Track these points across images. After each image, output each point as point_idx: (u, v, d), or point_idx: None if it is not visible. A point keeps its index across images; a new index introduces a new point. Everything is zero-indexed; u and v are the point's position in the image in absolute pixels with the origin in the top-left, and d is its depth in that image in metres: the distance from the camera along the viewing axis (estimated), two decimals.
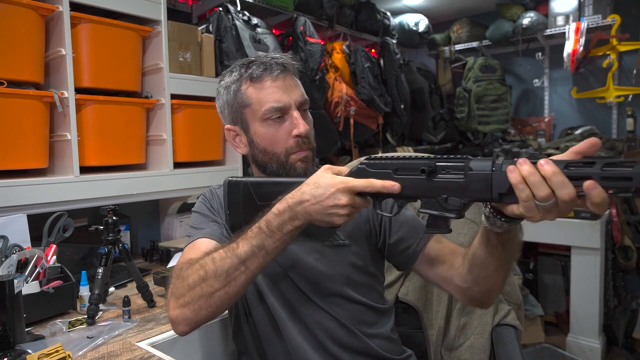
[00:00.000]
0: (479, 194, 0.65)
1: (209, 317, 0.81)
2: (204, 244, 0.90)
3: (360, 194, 0.74)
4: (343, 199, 0.72)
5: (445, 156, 0.70)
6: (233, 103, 0.96)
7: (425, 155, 0.73)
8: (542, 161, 0.58)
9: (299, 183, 0.78)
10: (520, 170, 0.59)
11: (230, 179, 0.91)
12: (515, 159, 0.61)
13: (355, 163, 0.84)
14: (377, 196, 0.76)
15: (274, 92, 0.92)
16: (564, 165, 0.58)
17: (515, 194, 0.60)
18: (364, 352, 0.93)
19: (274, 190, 0.84)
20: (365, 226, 1.00)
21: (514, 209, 0.63)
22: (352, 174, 0.76)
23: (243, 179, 0.91)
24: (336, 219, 0.73)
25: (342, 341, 0.92)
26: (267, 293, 0.94)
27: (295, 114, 0.92)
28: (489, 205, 0.68)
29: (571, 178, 0.57)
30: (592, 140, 0.59)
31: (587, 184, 0.54)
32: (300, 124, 0.92)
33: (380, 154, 0.77)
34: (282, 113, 0.92)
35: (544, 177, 0.57)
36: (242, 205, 0.90)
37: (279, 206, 0.76)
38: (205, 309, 0.79)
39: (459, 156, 0.68)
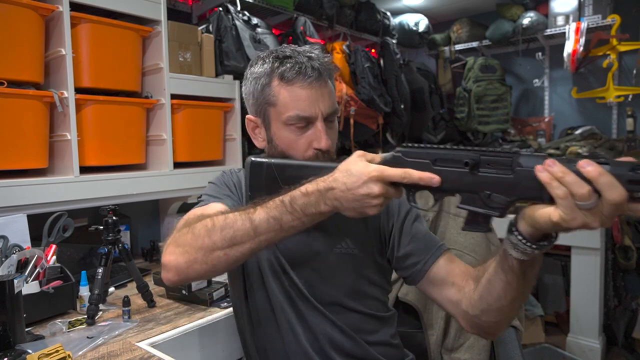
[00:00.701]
0: (527, 193, 0.60)
1: (201, 274, 0.78)
2: (216, 207, 0.87)
3: (395, 183, 0.69)
4: (376, 189, 0.67)
5: (491, 149, 0.64)
6: (259, 97, 0.91)
7: (468, 147, 0.67)
8: (582, 162, 0.54)
9: (329, 168, 0.74)
10: (550, 172, 0.56)
11: (253, 158, 0.87)
12: (565, 158, 0.57)
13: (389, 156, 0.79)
14: (413, 188, 0.70)
15: (303, 99, 0.86)
16: (631, 168, 0.53)
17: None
18: (364, 359, 0.93)
19: (300, 174, 0.79)
20: (376, 235, 0.97)
21: (551, 213, 0.57)
22: (387, 162, 0.71)
23: (266, 159, 0.86)
24: (368, 209, 0.70)
25: (343, 347, 0.91)
26: (272, 288, 0.93)
27: (320, 125, 0.87)
28: (517, 231, 0.64)
29: (631, 182, 0.53)
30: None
31: None
32: (322, 138, 0.87)
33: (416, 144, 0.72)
34: (306, 122, 0.87)
35: (587, 179, 0.54)
36: (265, 188, 0.85)
37: (309, 187, 0.72)
38: (199, 264, 0.76)
39: (507, 149, 0.63)
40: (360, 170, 0.69)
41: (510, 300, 0.74)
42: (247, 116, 0.96)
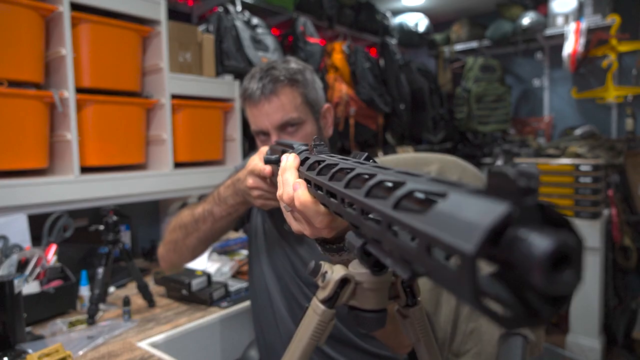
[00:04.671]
0: None
1: (178, 260, 0.99)
2: None
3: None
4: (250, 181, 0.76)
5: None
6: (245, 112, 1.01)
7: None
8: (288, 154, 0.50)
9: None
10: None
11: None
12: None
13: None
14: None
15: (255, 115, 0.94)
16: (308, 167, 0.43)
17: None
18: (360, 349, 0.94)
19: None
20: None
21: None
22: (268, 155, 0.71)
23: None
24: (250, 199, 0.79)
25: (336, 337, 0.93)
26: (272, 286, 0.96)
27: (274, 138, 0.92)
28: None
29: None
30: None
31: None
32: None
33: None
34: (264, 134, 0.94)
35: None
36: None
37: (230, 180, 0.84)
38: (172, 252, 0.97)
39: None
40: (248, 163, 0.77)
41: None
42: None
